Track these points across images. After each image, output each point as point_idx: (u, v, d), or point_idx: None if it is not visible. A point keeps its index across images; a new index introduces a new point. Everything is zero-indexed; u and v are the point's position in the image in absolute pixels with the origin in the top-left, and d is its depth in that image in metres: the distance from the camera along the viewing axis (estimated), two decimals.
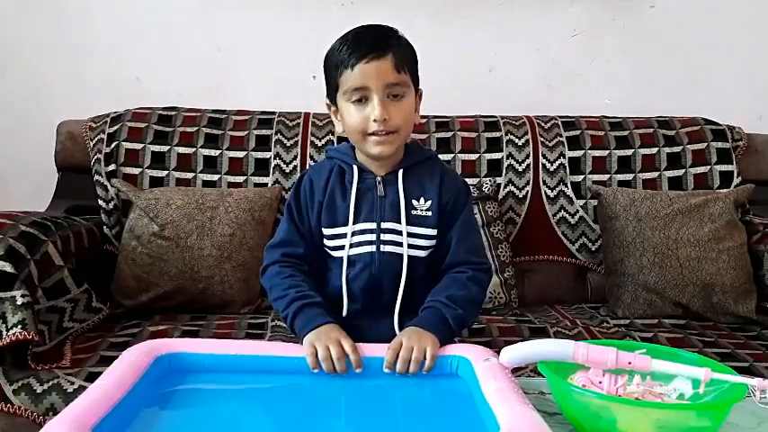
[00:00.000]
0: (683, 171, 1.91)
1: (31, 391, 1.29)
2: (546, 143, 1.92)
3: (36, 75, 2.12)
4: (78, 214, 1.77)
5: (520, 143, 1.92)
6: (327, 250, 1.19)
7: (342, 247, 1.17)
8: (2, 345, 1.28)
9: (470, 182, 1.82)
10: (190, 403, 0.91)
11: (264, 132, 1.90)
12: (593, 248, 1.89)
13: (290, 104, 1.98)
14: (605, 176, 1.91)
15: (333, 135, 1.88)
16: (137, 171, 1.84)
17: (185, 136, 1.88)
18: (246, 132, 1.90)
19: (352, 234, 1.16)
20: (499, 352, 0.95)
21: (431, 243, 1.18)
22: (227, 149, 1.87)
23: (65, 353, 1.40)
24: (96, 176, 1.84)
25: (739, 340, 1.56)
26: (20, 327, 1.30)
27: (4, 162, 2.12)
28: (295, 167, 1.86)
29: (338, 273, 1.17)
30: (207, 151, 1.87)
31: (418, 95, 1.18)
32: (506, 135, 1.93)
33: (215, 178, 1.85)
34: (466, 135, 1.92)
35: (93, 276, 1.64)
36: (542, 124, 1.96)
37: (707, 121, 1.98)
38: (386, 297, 1.17)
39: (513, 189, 1.89)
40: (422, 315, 1.10)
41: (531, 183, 1.90)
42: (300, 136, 1.89)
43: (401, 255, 1.15)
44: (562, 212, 1.90)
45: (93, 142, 1.88)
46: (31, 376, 1.30)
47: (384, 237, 1.16)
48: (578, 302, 1.86)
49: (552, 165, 1.91)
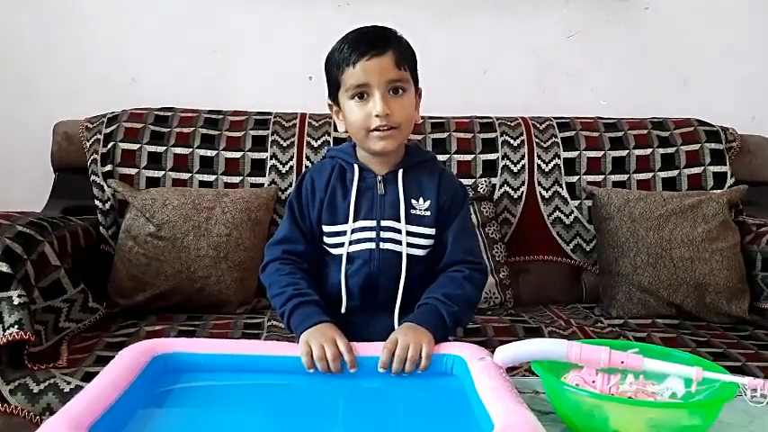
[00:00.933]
0: (676, 172, 1.92)
1: (28, 391, 1.29)
2: (541, 144, 1.93)
3: (32, 75, 2.12)
4: (75, 214, 1.77)
5: (515, 144, 1.93)
6: (326, 248, 1.20)
7: (341, 245, 1.17)
8: None
9: (466, 182, 1.83)
10: (186, 403, 0.91)
11: (261, 133, 1.90)
12: (587, 249, 1.91)
13: (286, 105, 1.98)
14: (600, 177, 1.92)
15: (329, 136, 1.88)
16: (133, 171, 1.85)
17: (182, 136, 1.88)
18: (243, 133, 1.90)
19: (352, 231, 1.17)
20: (494, 351, 0.96)
21: (429, 242, 1.19)
22: (223, 150, 1.87)
23: (61, 353, 1.40)
24: (93, 177, 1.84)
25: (732, 340, 1.57)
26: (16, 327, 1.30)
27: (0, 162, 2.12)
28: (291, 168, 1.87)
29: (337, 270, 1.18)
30: (203, 152, 1.87)
31: (418, 94, 1.19)
32: (502, 136, 1.94)
33: (211, 179, 1.86)
34: (461, 136, 1.93)
35: (89, 276, 1.64)
36: (537, 125, 1.97)
37: (700, 123, 2.00)
38: (383, 295, 1.17)
39: (508, 189, 1.90)
40: (418, 311, 1.11)
41: (526, 183, 1.91)
42: (297, 136, 1.90)
43: (400, 253, 1.16)
44: (557, 213, 1.91)
45: (90, 143, 1.88)
46: (28, 376, 1.31)
47: (383, 234, 1.17)
48: (573, 302, 1.87)
49: (547, 165, 1.92)
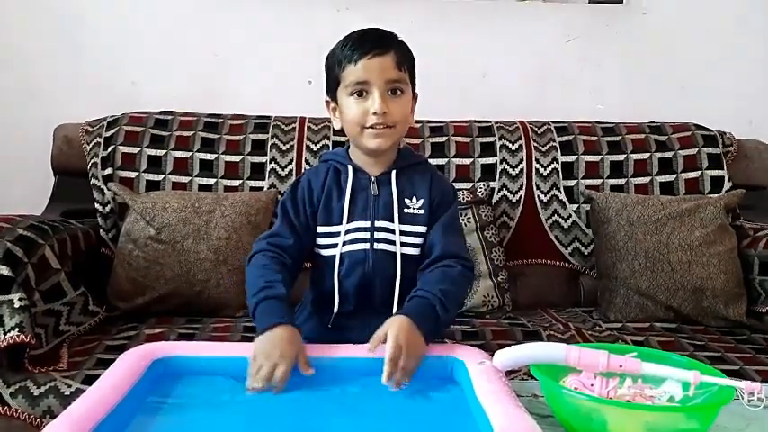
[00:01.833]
0: (674, 176, 1.93)
1: (29, 394, 1.29)
2: (539, 148, 1.94)
3: (33, 79, 2.12)
4: (75, 218, 1.77)
5: (513, 148, 1.94)
6: (320, 250, 1.20)
7: (335, 246, 1.18)
8: None
9: (464, 186, 1.85)
10: (186, 406, 0.92)
11: (260, 137, 1.91)
12: (585, 252, 1.91)
13: (285, 109, 1.99)
14: (598, 181, 1.92)
15: (328, 139, 1.88)
16: (133, 175, 1.85)
17: (181, 140, 1.89)
18: (242, 136, 1.91)
19: (346, 232, 1.17)
20: (493, 355, 0.97)
21: (422, 241, 1.19)
22: (222, 153, 1.88)
23: (62, 355, 1.40)
24: (93, 180, 1.85)
25: (729, 344, 1.57)
26: (17, 330, 1.30)
27: (0, 166, 2.12)
28: (291, 172, 1.87)
29: (330, 271, 1.18)
30: (203, 155, 1.87)
31: (415, 98, 1.20)
32: (500, 140, 1.95)
33: (211, 182, 1.86)
34: (460, 140, 1.94)
35: (89, 279, 1.64)
36: (536, 129, 1.98)
37: (698, 127, 2.00)
38: (379, 297, 1.18)
39: (506, 193, 1.91)
40: (415, 306, 1.07)
41: (524, 187, 1.91)
42: (296, 140, 1.90)
43: (394, 253, 1.17)
44: (555, 217, 1.91)
45: (90, 146, 1.88)
46: (28, 379, 1.31)
47: (377, 235, 1.17)
48: (571, 306, 1.88)
49: (545, 169, 1.93)
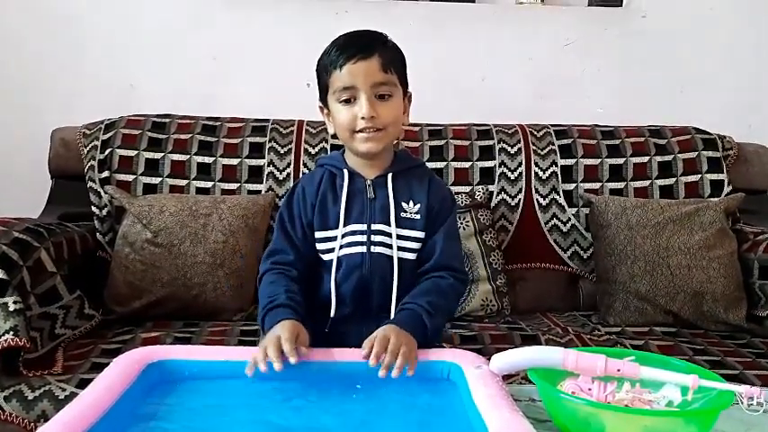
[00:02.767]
0: (674, 180, 1.93)
1: (23, 398, 1.29)
2: (538, 152, 1.94)
3: (30, 82, 2.12)
4: (71, 221, 1.76)
5: (512, 151, 1.93)
6: (318, 254, 1.20)
7: (332, 250, 1.17)
8: None
9: (463, 190, 1.84)
10: (181, 410, 0.91)
11: (258, 140, 1.90)
12: (584, 256, 1.91)
13: (283, 112, 1.98)
14: (597, 185, 1.92)
15: (326, 143, 1.88)
16: (130, 178, 1.84)
17: (179, 143, 1.88)
18: (240, 140, 1.90)
19: (343, 236, 1.17)
20: (490, 359, 0.96)
21: (419, 246, 1.18)
22: (220, 157, 1.87)
23: (57, 359, 1.40)
24: (90, 183, 1.84)
25: (729, 348, 1.57)
26: (11, 333, 1.30)
27: None
28: (288, 175, 1.87)
29: (328, 275, 1.18)
30: (200, 158, 1.87)
31: (408, 98, 1.19)
32: (499, 143, 1.94)
33: (208, 185, 1.86)
34: (459, 143, 1.93)
35: (85, 283, 1.63)
36: (535, 133, 1.98)
37: (698, 131, 2.00)
38: (375, 301, 1.17)
39: (505, 197, 1.90)
40: (402, 315, 1.10)
41: (523, 191, 1.91)
42: (294, 143, 1.90)
43: (391, 257, 1.16)
44: (554, 220, 1.91)
45: (87, 149, 1.88)
46: (23, 383, 1.30)
47: (374, 238, 1.17)
48: (570, 310, 1.87)
49: (544, 173, 1.92)
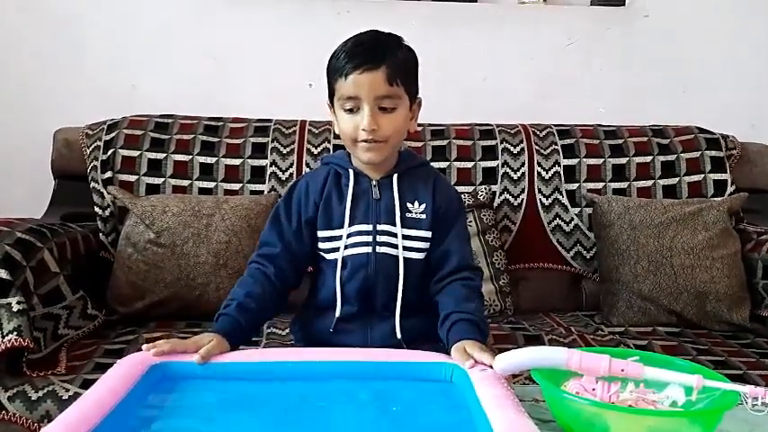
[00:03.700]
0: (677, 179, 1.92)
1: (26, 398, 1.28)
2: (541, 151, 1.93)
3: (32, 82, 2.13)
4: (74, 221, 1.77)
5: (515, 151, 1.93)
6: (322, 254, 1.19)
7: (336, 250, 1.17)
8: None
9: (465, 190, 1.84)
10: (184, 411, 0.91)
11: (261, 140, 1.90)
12: (587, 256, 1.90)
13: (286, 112, 1.98)
14: (600, 185, 1.92)
15: (329, 143, 1.88)
16: (133, 178, 1.85)
17: (181, 143, 1.88)
18: (243, 140, 1.90)
19: (348, 236, 1.16)
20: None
21: (425, 246, 1.18)
22: (223, 157, 1.87)
23: (60, 360, 1.40)
24: (93, 183, 1.84)
25: (733, 348, 1.57)
26: (15, 333, 1.30)
27: (0, 169, 2.12)
28: (291, 175, 1.87)
29: (333, 275, 1.17)
30: (203, 159, 1.87)
31: (417, 103, 1.18)
32: (501, 143, 1.94)
33: (211, 186, 1.86)
34: (461, 143, 1.93)
35: (88, 283, 1.63)
36: (537, 132, 1.97)
37: (701, 130, 2.00)
38: (380, 300, 1.17)
39: (508, 197, 1.90)
40: (463, 328, 1.07)
41: (526, 191, 1.91)
42: (296, 144, 1.90)
43: (396, 257, 1.16)
44: (557, 220, 1.91)
45: (90, 149, 1.88)
46: (26, 383, 1.30)
47: (380, 239, 1.16)
48: (573, 310, 1.87)
49: (547, 173, 1.92)
